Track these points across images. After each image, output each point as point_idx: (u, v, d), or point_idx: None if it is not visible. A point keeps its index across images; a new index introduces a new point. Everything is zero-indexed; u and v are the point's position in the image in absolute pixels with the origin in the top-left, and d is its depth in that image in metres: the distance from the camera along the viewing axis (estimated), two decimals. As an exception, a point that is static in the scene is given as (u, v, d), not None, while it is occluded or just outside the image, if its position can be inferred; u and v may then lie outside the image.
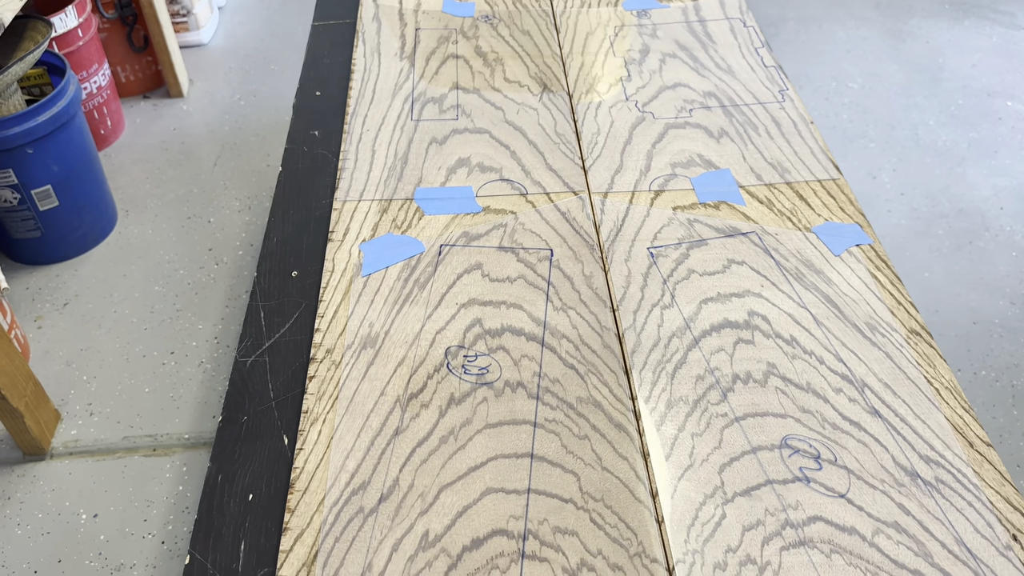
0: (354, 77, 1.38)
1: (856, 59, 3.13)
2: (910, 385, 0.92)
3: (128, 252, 2.26)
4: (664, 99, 1.34)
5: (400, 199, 1.16)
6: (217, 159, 2.57)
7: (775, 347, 0.96)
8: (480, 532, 0.80)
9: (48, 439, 1.81)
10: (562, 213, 1.14)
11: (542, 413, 0.90)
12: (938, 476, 0.84)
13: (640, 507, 0.81)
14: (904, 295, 1.02)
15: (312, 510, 0.82)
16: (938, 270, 2.31)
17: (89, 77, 2.40)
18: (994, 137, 2.78)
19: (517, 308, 1.01)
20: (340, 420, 0.89)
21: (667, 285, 1.03)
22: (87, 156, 2.13)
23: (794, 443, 0.86)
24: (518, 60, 1.42)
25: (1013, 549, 0.79)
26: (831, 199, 1.16)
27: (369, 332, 0.98)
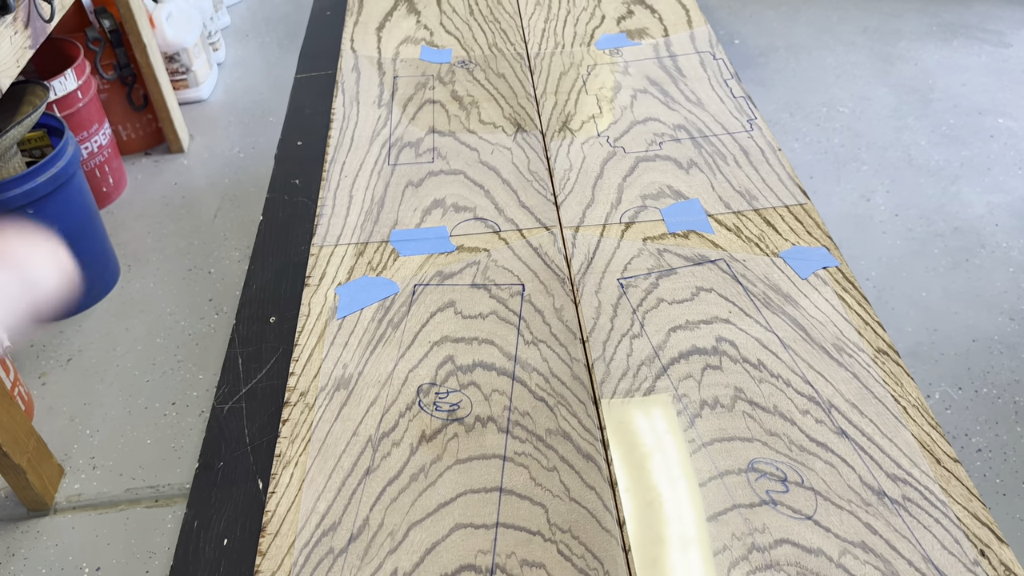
0: (333, 126, 1.42)
1: (846, 84, 3.16)
2: (877, 404, 0.92)
3: (130, 306, 2.30)
4: (635, 133, 1.36)
5: (376, 242, 1.18)
6: (217, 211, 2.62)
7: (742, 372, 0.97)
8: (448, 568, 0.80)
9: (51, 494, 1.83)
10: (534, 248, 1.16)
11: (511, 446, 0.91)
12: (905, 494, 0.84)
13: (607, 536, 0.82)
14: (871, 315, 1.03)
15: (283, 552, 0.83)
16: (935, 289, 2.31)
17: (90, 137, 2.47)
18: (987, 155, 2.78)
19: (489, 344, 1.03)
20: (312, 462, 0.91)
21: (636, 315, 1.05)
22: (87, 214, 2.18)
23: (761, 467, 0.86)
24: (493, 102, 1.46)
25: (981, 564, 0.78)
26: (798, 223, 1.17)
27: (343, 374, 1.00)
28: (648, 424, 0.91)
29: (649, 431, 0.91)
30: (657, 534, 0.82)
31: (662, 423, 0.91)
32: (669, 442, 0.90)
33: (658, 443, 0.89)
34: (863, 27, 3.49)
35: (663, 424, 0.91)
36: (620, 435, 0.91)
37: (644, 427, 0.91)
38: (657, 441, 0.90)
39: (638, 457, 0.88)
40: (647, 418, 0.92)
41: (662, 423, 0.91)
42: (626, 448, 0.89)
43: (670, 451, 0.89)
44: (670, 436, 0.90)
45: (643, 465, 0.88)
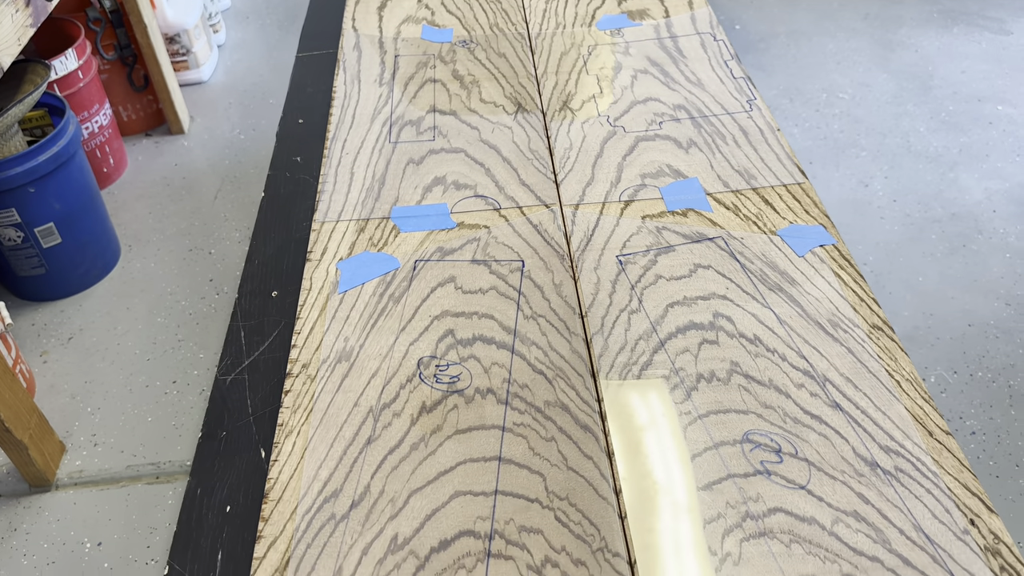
0: (334, 103, 1.42)
1: (846, 70, 3.16)
2: (871, 378, 0.94)
3: (131, 286, 2.31)
4: (635, 113, 1.37)
5: (377, 218, 1.19)
6: (218, 192, 2.63)
7: (739, 346, 0.98)
8: (448, 534, 0.82)
9: (53, 470, 1.84)
10: (534, 226, 1.17)
11: (510, 417, 0.92)
12: (897, 465, 0.85)
13: (604, 504, 0.83)
14: (867, 292, 1.04)
15: (285, 518, 0.84)
16: (932, 274, 2.32)
17: (91, 117, 2.47)
18: (985, 141, 2.79)
19: (488, 318, 1.04)
20: (314, 432, 0.92)
21: (635, 291, 1.06)
22: (88, 194, 2.18)
23: (756, 438, 0.88)
24: (494, 82, 1.46)
25: (971, 533, 0.80)
26: (796, 202, 1.18)
27: (344, 346, 1.01)
28: (645, 397, 0.93)
29: (646, 404, 0.92)
30: (653, 502, 0.83)
31: (659, 397, 0.93)
32: (666, 414, 0.91)
33: (654, 416, 0.91)
34: (864, 13, 3.48)
35: (660, 397, 0.93)
36: (618, 408, 0.92)
37: (641, 400, 0.93)
38: (653, 413, 0.91)
39: (635, 429, 0.90)
40: (644, 392, 0.93)
41: (659, 397, 0.93)
42: (623, 420, 0.91)
43: (666, 423, 0.90)
44: (666, 409, 0.92)
45: (640, 437, 0.89)
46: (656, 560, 0.78)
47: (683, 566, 0.78)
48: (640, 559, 0.78)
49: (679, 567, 0.78)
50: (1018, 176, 2.65)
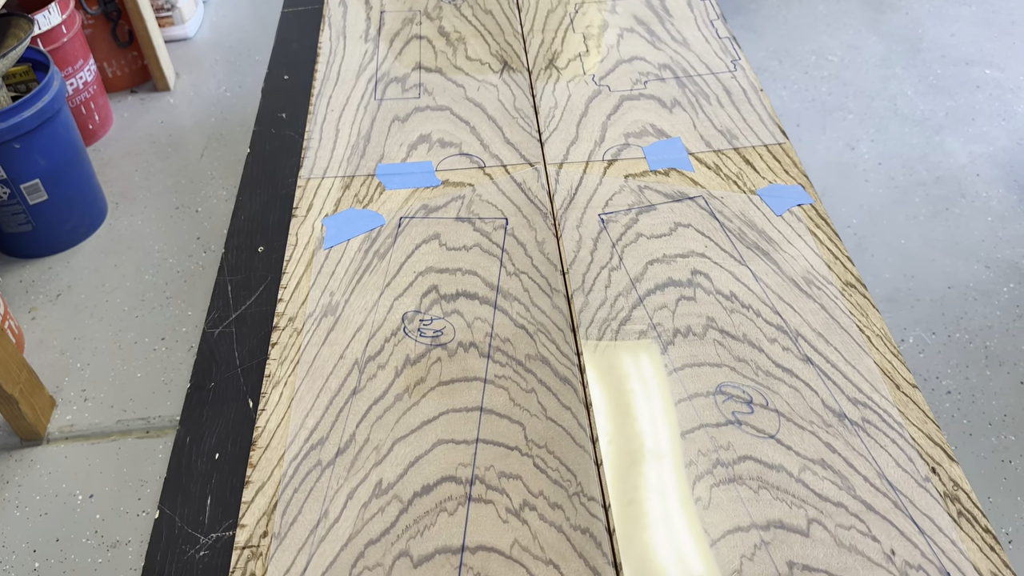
0: (319, 60, 1.42)
1: (836, 32, 3.15)
2: (842, 333, 0.96)
3: (118, 243, 2.32)
4: (620, 72, 1.38)
5: (362, 175, 1.20)
6: (204, 150, 2.62)
7: (715, 303, 1.00)
8: (430, 479, 0.85)
9: (44, 424, 1.87)
10: (518, 184, 1.18)
11: (492, 370, 0.95)
12: (864, 416, 0.88)
13: (581, 452, 0.86)
14: (841, 250, 1.06)
15: (273, 465, 0.87)
16: (915, 237, 2.35)
17: (75, 73, 2.45)
18: (971, 105, 2.80)
19: (472, 274, 1.06)
20: (301, 382, 0.94)
21: (616, 248, 1.08)
22: (74, 150, 2.18)
23: (728, 390, 0.91)
24: (480, 39, 1.47)
25: (931, 480, 0.83)
26: (776, 162, 1.20)
27: (330, 301, 1.03)
28: (625, 352, 0.95)
29: (625, 358, 0.95)
30: (628, 450, 0.86)
31: (637, 351, 0.95)
32: (643, 367, 0.94)
33: (632, 369, 0.94)
34: (855, -26, 3.46)
35: (638, 351, 0.95)
36: (597, 362, 0.95)
37: (621, 354, 0.95)
38: (631, 367, 0.94)
39: (612, 381, 0.93)
40: (625, 347, 0.96)
41: (637, 351, 0.95)
42: (600, 373, 0.93)
43: (643, 376, 0.93)
44: (644, 362, 0.94)
45: (617, 388, 0.92)
46: (630, 503, 0.81)
47: (656, 510, 0.81)
48: (615, 503, 0.81)
49: (652, 510, 0.81)
50: (1002, 140, 2.67)
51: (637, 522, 0.80)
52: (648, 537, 0.79)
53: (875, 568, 0.77)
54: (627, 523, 0.80)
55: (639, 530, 0.79)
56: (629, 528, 0.79)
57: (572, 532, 0.80)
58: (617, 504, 0.81)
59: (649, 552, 0.78)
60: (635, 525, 0.80)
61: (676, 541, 0.79)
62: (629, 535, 0.79)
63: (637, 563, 0.77)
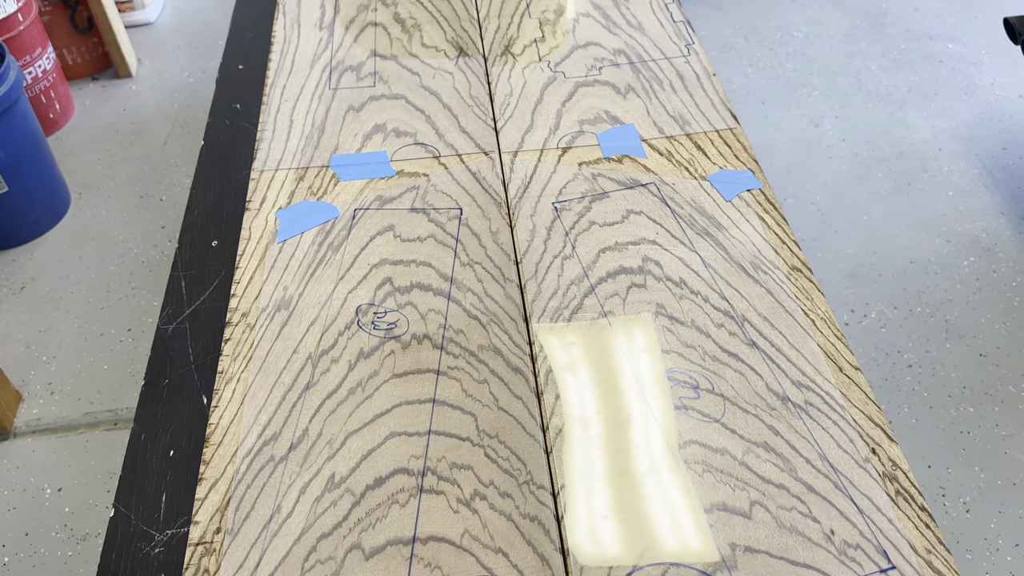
0: (274, 49, 1.41)
1: (801, 8, 3.16)
2: (787, 317, 0.98)
3: (82, 234, 2.30)
4: (576, 58, 1.38)
5: (316, 167, 1.20)
6: (168, 137, 2.59)
7: (665, 289, 1.02)
8: (383, 472, 0.86)
9: (10, 419, 1.86)
10: (473, 173, 1.19)
11: (445, 361, 0.96)
12: (807, 399, 0.91)
13: (531, 440, 0.88)
14: (788, 235, 1.08)
15: (226, 461, 0.88)
16: (877, 212, 2.38)
17: (33, 61, 2.41)
18: (934, 80, 2.83)
19: (426, 266, 1.07)
20: (254, 378, 0.95)
21: (569, 237, 1.09)
22: (34, 140, 2.15)
23: (675, 376, 0.92)
24: (435, 25, 1.46)
25: (871, 461, 0.86)
26: (727, 147, 1.21)
27: (283, 295, 1.04)
28: (574, 338, 0.97)
29: (574, 346, 0.96)
30: (575, 438, 0.88)
31: (588, 338, 0.97)
32: (594, 356, 0.95)
33: (583, 357, 0.95)
34: (821, -51, 3.46)
35: (589, 339, 0.97)
36: (547, 350, 0.96)
37: (571, 343, 0.97)
38: (582, 355, 0.95)
39: (562, 369, 0.94)
40: (574, 333, 0.97)
41: (588, 338, 0.97)
42: (550, 360, 0.95)
43: (594, 364, 0.94)
44: (595, 350, 0.96)
45: (569, 376, 0.93)
46: (578, 488, 0.83)
47: (602, 494, 0.83)
48: (563, 489, 0.83)
49: (597, 497, 0.83)
50: (964, 115, 2.70)
51: (584, 508, 0.82)
52: (594, 523, 0.81)
53: (815, 548, 0.79)
54: (574, 509, 0.82)
55: (586, 516, 0.81)
56: (576, 514, 0.81)
57: (521, 520, 0.82)
58: (566, 491, 0.83)
59: (596, 537, 0.80)
60: (581, 511, 0.82)
61: (622, 526, 0.81)
62: (576, 521, 0.81)
63: (583, 548, 0.79)
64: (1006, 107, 2.72)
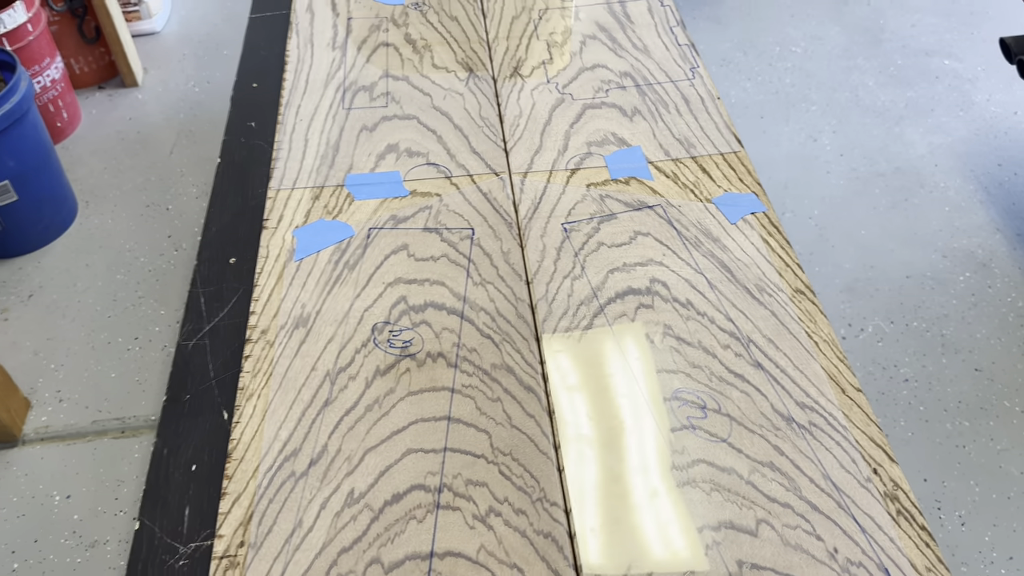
0: (288, 68, 1.44)
1: (800, 23, 3.20)
2: (791, 339, 1.02)
3: (89, 242, 2.32)
4: (583, 80, 1.42)
5: (331, 186, 1.23)
6: (173, 147, 2.62)
7: (672, 310, 1.05)
8: (400, 488, 0.89)
9: (19, 426, 1.88)
10: (484, 194, 1.22)
11: (459, 379, 0.99)
12: (811, 420, 0.94)
13: (544, 458, 0.91)
14: (792, 258, 1.11)
15: (248, 476, 0.90)
16: (874, 227, 2.41)
17: (42, 71, 2.44)
18: (931, 96, 2.87)
19: (440, 285, 1.10)
20: (274, 395, 0.98)
21: (578, 257, 1.12)
22: (43, 150, 2.17)
23: (683, 395, 0.95)
24: (446, 46, 1.49)
25: (872, 481, 0.89)
26: (731, 171, 1.24)
27: (301, 313, 1.06)
28: (584, 358, 1.00)
29: (584, 365, 0.99)
30: (587, 456, 0.91)
31: (598, 357, 1.00)
32: (603, 375, 0.98)
33: (592, 376, 0.98)
34: (819, -35, 3.51)
35: (598, 358, 1.00)
36: (558, 369, 0.99)
37: (580, 361, 0.99)
38: (592, 374, 0.98)
39: (573, 388, 0.97)
40: (584, 352, 1.00)
41: (598, 357, 1.00)
42: (562, 380, 0.98)
43: (604, 383, 0.97)
44: (604, 370, 0.99)
45: (578, 396, 0.96)
46: (589, 506, 0.86)
47: (613, 512, 0.86)
48: (575, 507, 0.86)
49: (610, 513, 0.86)
50: (960, 131, 2.74)
51: (597, 525, 0.85)
52: (607, 539, 0.84)
53: (819, 566, 0.82)
54: (587, 526, 0.85)
55: (599, 533, 0.84)
56: (589, 531, 0.84)
57: (535, 536, 0.84)
58: (577, 509, 0.86)
59: (608, 553, 0.83)
60: (595, 528, 0.85)
61: (634, 542, 0.84)
62: (589, 538, 0.84)
63: (596, 565, 0.82)
64: (1001, 124, 2.76)
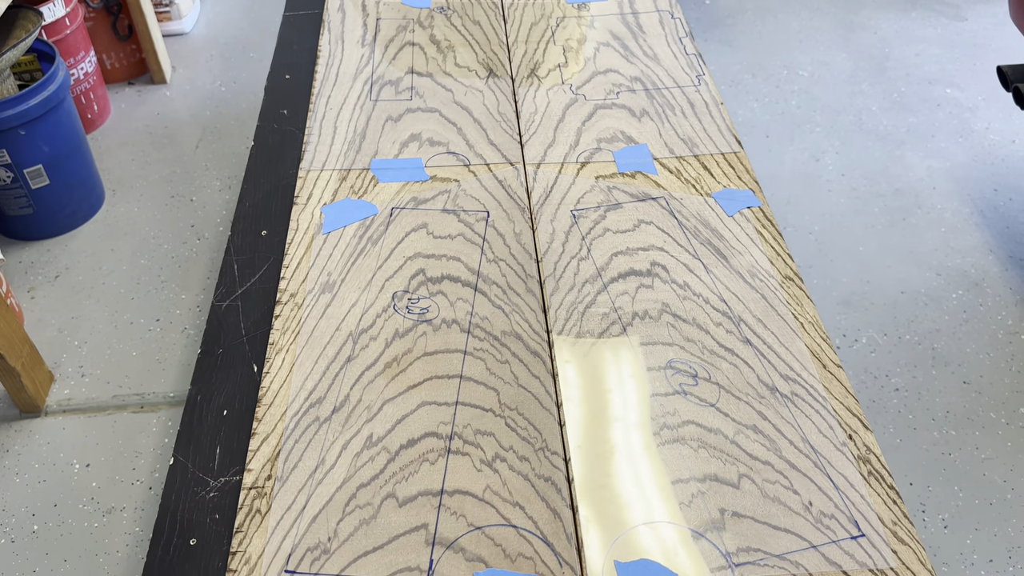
0: (319, 62, 1.54)
1: (808, 48, 3.31)
2: (778, 320, 1.10)
3: (115, 229, 2.42)
4: (596, 83, 1.51)
5: (358, 169, 1.32)
6: (199, 142, 2.72)
7: (670, 291, 1.13)
8: (415, 434, 0.97)
9: (43, 397, 1.97)
10: (499, 181, 1.31)
11: (471, 344, 1.07)
12: (793, 390, 1.02)
13: (547, 414, 0.99)
14: (783, 247, 1.20)
15: (276, 419, 0.99)
16: (872, 245, 2.50)
17: (76, 64, 2.55)
18: (932, 122, 2.96)
19: (456, 260, 1.18)
20: (301, 350, 1.06)
21: (585, 241, 1.21)
22: (75, 138, 2.28)
23: (677, 365, 1.04)
24: (468, 47, 1.59)
25: (848, 445, 0.97)
26: (731, 169, 1.33)
27: (328, 280, 1.15)
28: (587, 330, 1.08)
29: (588, 337, 1.07)
30: (587, 413, 0.99)
31: (600, 333, 1.08)
32: (604, 345, 1.06)
33: (594, 346, 1.06)
34: (828, -6, 3.62)
35: (600, 330, 1.08)
36: (565, 340, 1.08)
37: (585, 335, 1.08)
38: (594, 344, 1.07)
39: (576, 355, 1.05)
40: (587, 326, 1.09)
41: (600, 333, 1.08)
42: (566, 347, 1.06)
43: (604, 351, 1.06)
44: (605, 341, 1.07)
45: (580, 362, 1.05)
46: (587, 457, 0.94)
47: (609, 463, 0.94)
48: (574, 456, 0.94)
49: (605, 464, 0.94)
50: (959, 156, 2.82)
51: (593, 472, 0.93)
52: (601, 485, 0.92)
53: (794, 516, 0.90)
54: (584, 473, 0.93)
55: (594, 479, 0.92)
56: (586, 477, 0.92)
57: (537, 480, 0.92)
58: (576, 456, 0.94)
59: (602, 497, 0.91)
60: (591, 475, 0.93)
61: (625, 489, 0.91)
62: (585, 483, 0.92)
63: (591, 506, 0.90)
64: (999, 151, 2.85)
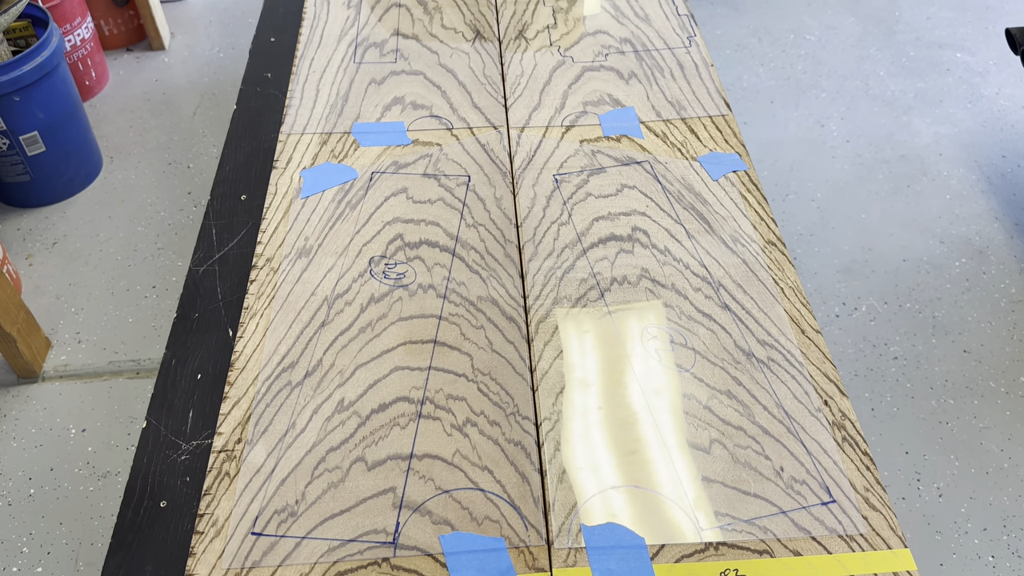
0: (304, 24, 1.52)
1: (816, 12, 3.24)
2: (759, 285, 1.08)
3: (112, 196, 2.42)
4: (584, 45, 1.48)
5: (339, 132, 1.31)
6: (197, 109, 2.71)
7: (650, 256, 1.12)
8: (386, 399, 0.97)
9: (40, 363, 1.98)
10: (482, 145, 1.29)
11: (447, 309, 1.06)
12: (770, 356, 1.00)
13: (520, 379, 0.98)
14: (767, 212, 1.18)
15: (248, 383, 0.98)
16: (875, 212, 2.46)
17: (73, 30, 2.53)
18: (940, 87, 2.91)
19: (435, 225, 1.17)
20: (275, 315, 1.06)
21: (566, 206, 1.19)
22: (71, 104, 2.27)
23: (653, 331, 1.02)
24: (455, 8, 1.56)
25: (823, 411, 0.96)
26: (718, 132, 1.31)
27: (304, 244, 1.14)
28: (564, 295, 1.07)
29: (564, 303, 1.06)
30: (560, 377, 0.98)
31: (577, 299, 1.07)
32: (580, 311, 1.05)
33: (572, 312, 1.05)
34: (838, -44, 3.54)
35: (577, 298, 1.07)
36: (542, 305, 1.06)
37: (562, 300, 1.07)
38: (571, 311, 1.05)
39: (554, 322, 1.04)
40: (564, 291, 1.08)
41: (577, 299, 1.07)
42: (542, 311, 1.05)
43: (581, 317, 1.05)
44: (581, 306, 1.06)
45: (557, 328, 1.03)
46: (558, 421, 0.93)
47: (579, 426, 0.93)
48: (544, 421, 0.93)
49: (576, 428, 0.93)
50: (967, 122, 2.77)
51: (563, 437, 0.92)
52: (571, 450, 0.91)
53: (765, 481, 0.89)
54: (554, 437, 0.92)
55: (564, 443, 0.92)
56: (556, 442, 0.92)
57: (507, 444, 0.92)
58: (547, 423, 0.94)
59: (571, 462, 0.90)
60: (561, 439, 0.92)
61: (595, 454, 0.91)
62: (555, 447, 0.91)
63: (559, 470, 0.89)
64: (1009, 117, 2.80)
